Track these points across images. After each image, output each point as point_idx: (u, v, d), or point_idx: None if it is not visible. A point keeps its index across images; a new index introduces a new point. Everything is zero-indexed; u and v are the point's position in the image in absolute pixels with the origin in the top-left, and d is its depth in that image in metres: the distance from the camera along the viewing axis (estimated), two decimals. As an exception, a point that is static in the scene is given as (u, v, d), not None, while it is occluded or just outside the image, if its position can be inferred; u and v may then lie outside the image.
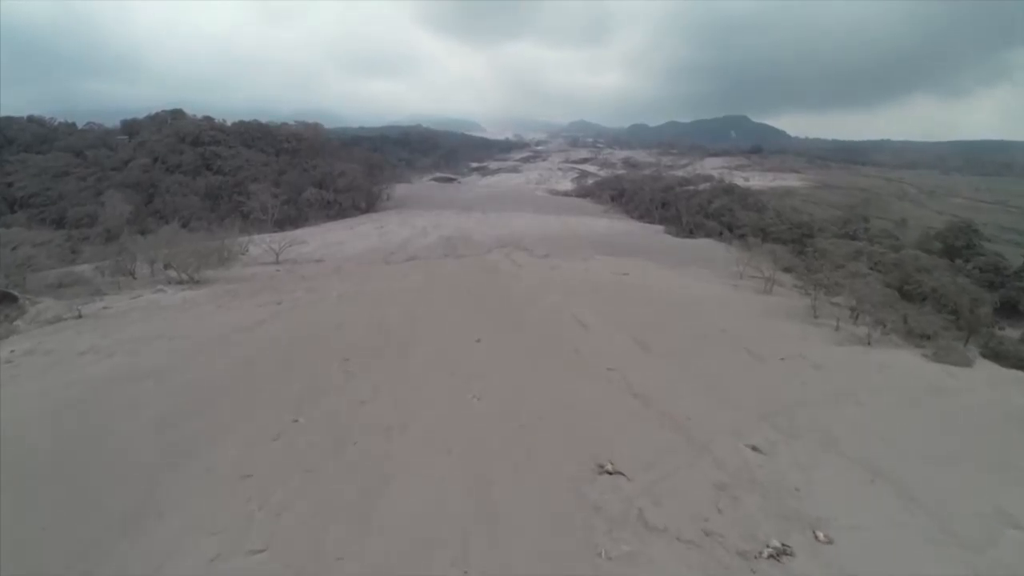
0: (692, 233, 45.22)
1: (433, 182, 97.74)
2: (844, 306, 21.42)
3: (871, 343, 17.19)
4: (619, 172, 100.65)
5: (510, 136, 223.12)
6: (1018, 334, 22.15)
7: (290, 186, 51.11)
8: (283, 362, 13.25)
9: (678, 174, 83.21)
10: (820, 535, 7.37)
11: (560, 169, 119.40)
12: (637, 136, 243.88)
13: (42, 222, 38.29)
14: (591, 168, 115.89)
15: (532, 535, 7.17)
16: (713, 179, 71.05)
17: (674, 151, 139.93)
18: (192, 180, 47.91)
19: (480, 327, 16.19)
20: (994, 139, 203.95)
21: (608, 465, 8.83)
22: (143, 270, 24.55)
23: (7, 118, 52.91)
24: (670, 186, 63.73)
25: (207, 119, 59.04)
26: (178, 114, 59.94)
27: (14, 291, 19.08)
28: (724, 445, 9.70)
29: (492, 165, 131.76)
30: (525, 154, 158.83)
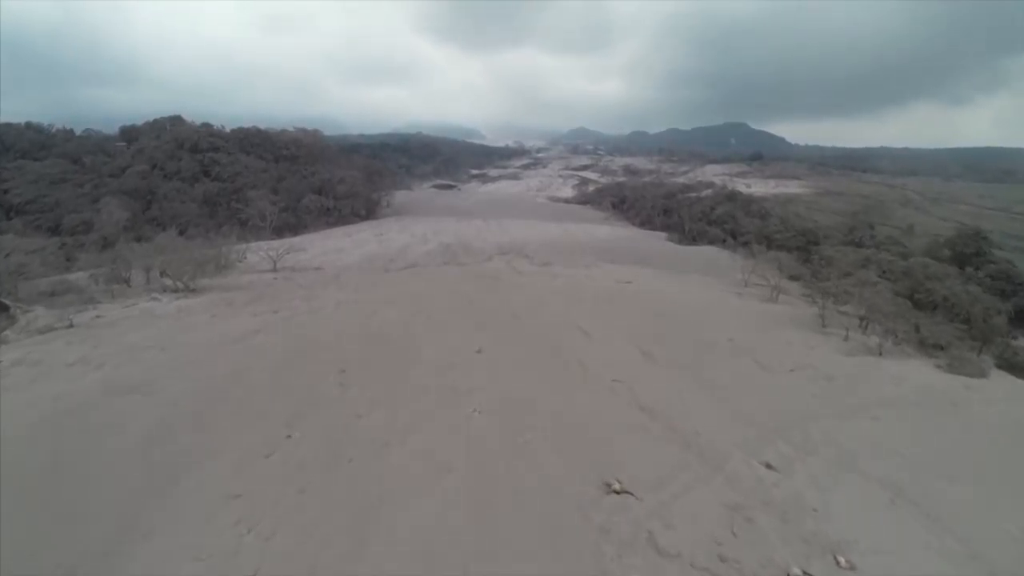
0: (695, 240, 45.01)
1: (433, 189, 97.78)
2: (853, 315, 21.00)
3: (882, 353, 16.75)
4: (620, 179, 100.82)
5: (510, 143, 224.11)
6: (1031, 344, 21.72)
7: (289, 193, 50.92)
8: (277, 374, 12.83)
9: (679, 181, 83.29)
10: (841, 560, 6.93)
11: (560, 176, 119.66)
12: (637, 143, 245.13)
13: (38, 229, 37.90)
14: (592, 175, 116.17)
15: (537, 560, 6.75)
16: (715, 186, 71.07)
17: (674, 158, 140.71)
18: (190, 187, 47.77)
19: (481, 337, 15.79)
20: (994, 146, 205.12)
21: (616, 484, 8.39)
22: (138, 278, 24.13)
23: (5, 124, 52.90)
24: (672, 193, 63.76)
25: (206, 126, 59.04)
26: (177, 121, 59.96)
27: (5, 300, 18.66)
28: (736, 462, 9.27)
29: (492, 172, 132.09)
30: (525, 161, 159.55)
